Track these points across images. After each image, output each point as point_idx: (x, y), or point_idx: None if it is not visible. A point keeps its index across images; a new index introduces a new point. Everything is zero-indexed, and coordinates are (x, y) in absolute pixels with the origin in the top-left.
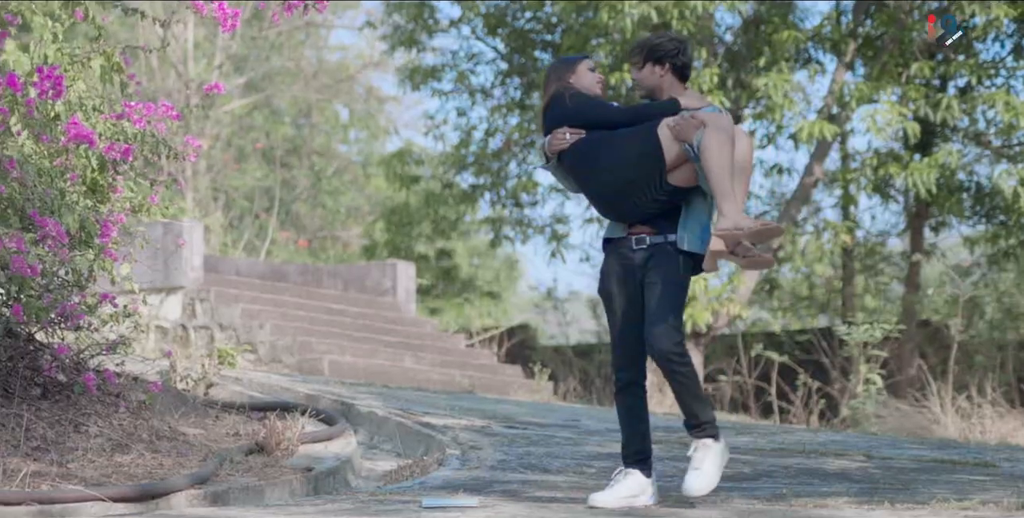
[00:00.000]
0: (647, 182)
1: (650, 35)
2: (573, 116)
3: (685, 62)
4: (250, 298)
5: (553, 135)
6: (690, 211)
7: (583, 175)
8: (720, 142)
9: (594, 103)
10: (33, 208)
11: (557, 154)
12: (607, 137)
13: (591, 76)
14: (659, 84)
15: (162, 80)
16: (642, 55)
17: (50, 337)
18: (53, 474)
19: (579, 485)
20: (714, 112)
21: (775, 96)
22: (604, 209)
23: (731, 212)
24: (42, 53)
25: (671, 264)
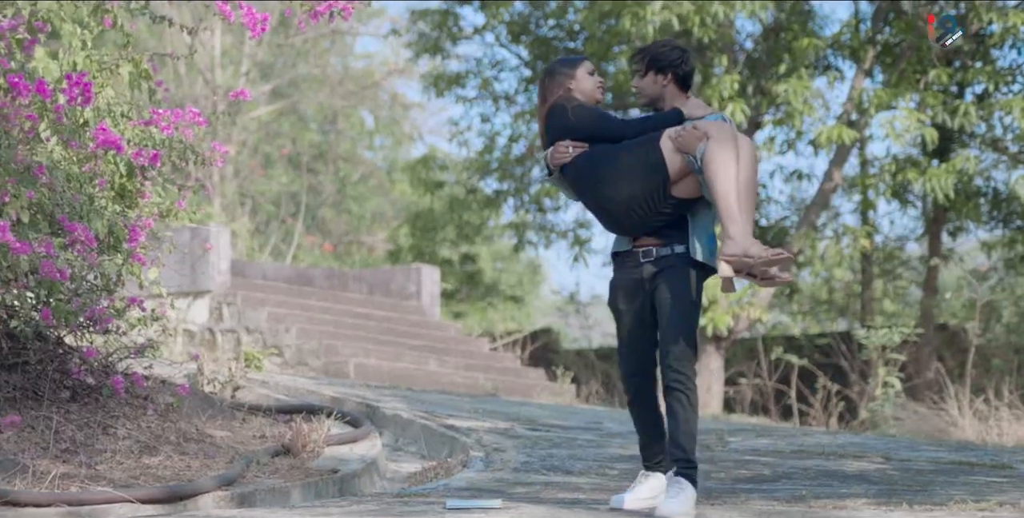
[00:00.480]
0: (650, 195)
1: (652, 43)
2: (575, 129)
3: (688, 71)
4: (276, 302)
5: (555, 148)
6: (696, 221)
7: (585, 189)
8: (724, 158)
9: (597, 116)
10: (62, 213)
11: (560, 166)
12: (609, 150)
13: (591, 81)
14: (661, 93)
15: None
16: (644, 63)
17: (79, 340)
18: (82, 476)
19: (601, 487)
20: (717, 121)
21: (795, 102)
22: (608, 223)
23: (737, 235)
24: (71, 60)
25: (683, 280)
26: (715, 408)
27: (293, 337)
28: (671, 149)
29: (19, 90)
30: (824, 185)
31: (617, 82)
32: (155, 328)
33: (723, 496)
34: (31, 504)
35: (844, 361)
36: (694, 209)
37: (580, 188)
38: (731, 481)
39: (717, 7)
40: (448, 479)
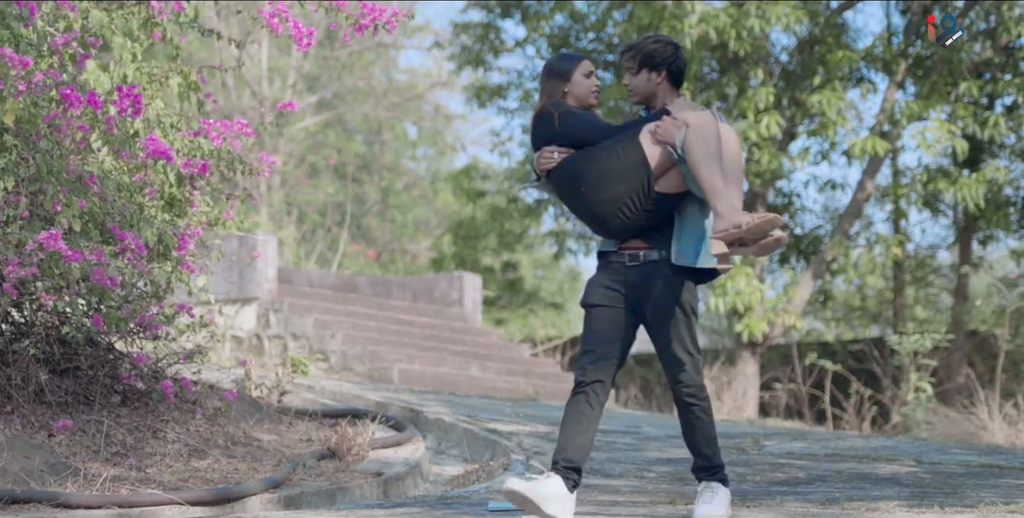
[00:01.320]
0: (634, 192)
1: (644, 39)
2: (562, 136)
3: (680, 68)
4: (322, 309)
5: (541, 153)
6: (684, 220)
7: (569, 192)
8: (704, 139)
9: (584, 123)
10: (113, 222)
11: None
12: (589, 152)
13: (587, 84)
14: (654, 91)
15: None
16: (637, 61)
17: (129, 346)
18: (132, 478)
19: (639, 489)
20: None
21: (829, 113)
22: (594, 226)
23: (725, 211)
24: (122, 72)
25: (673, 289)
26: (751, 412)
27: (339, 343)
28: (651, 143)
29: (71, 102)
30: (857, 195)
31: None
32: (204, 334)
33: (759, 498)
34: (82, 506)
35: (877, 366)
36: (682, 207)
37: (564, 192)
38: (766, 484)
39: (753, 21)
40: (490, 482)
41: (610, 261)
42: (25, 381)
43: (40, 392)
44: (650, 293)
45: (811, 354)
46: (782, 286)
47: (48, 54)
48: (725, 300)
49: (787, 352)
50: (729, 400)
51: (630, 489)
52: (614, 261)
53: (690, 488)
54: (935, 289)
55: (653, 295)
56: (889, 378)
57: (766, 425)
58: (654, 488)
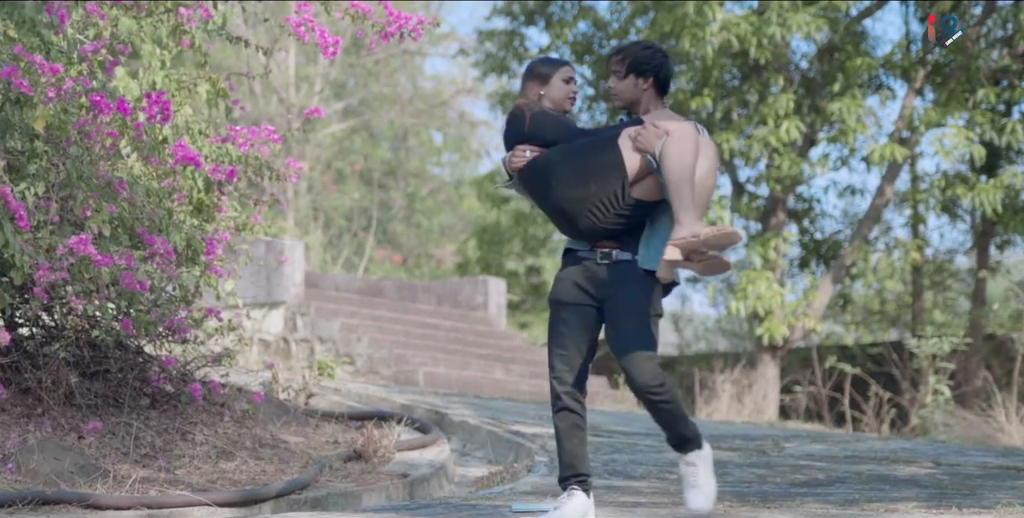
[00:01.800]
0: (605, 194)
1: (634, 44)
2: (533, 137)
3: (667, 76)
4: (349, 312)
5: (513, 152)
6: (654, 228)
7: (540, 190)
8: (681, 151)
9: (556, 125)
10: (142, 227)
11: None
12: (564, 151)
13: (564, 89)
14: (639, 97)
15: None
16: (625, 65)
17: (158, 349)
18: (161, 480)
19: (661, 490)
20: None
21: (848, 120)
22: (563, 225)
23: (687, 221)
24: (151, 79)
25: (642, 289)
26: (771, 415)
27: (365, 346)
28: (630, 148)
29: (101, 108)
30: (876, 200)
31: (678, 100)
32: (231, 338)
33: (779, 499)
34: (112, 507)
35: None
36: (655, 215)
37: (534, 189)
38: (787, 485)
39: (774, 28)
40: (514, 483)
41: (580, 258)
42: (56, 384)
43: (70, 395)
44: (618, 292)
45: (831, 357)
46: (802, 290)
47: (78, 61)
48: (746, 304)
49: (807, 355)
50: (750, 402)
51: (652, 490)
52: (585, 258)
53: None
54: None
55: (621, 294)
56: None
57: (786, 427)
58: (676, 489)
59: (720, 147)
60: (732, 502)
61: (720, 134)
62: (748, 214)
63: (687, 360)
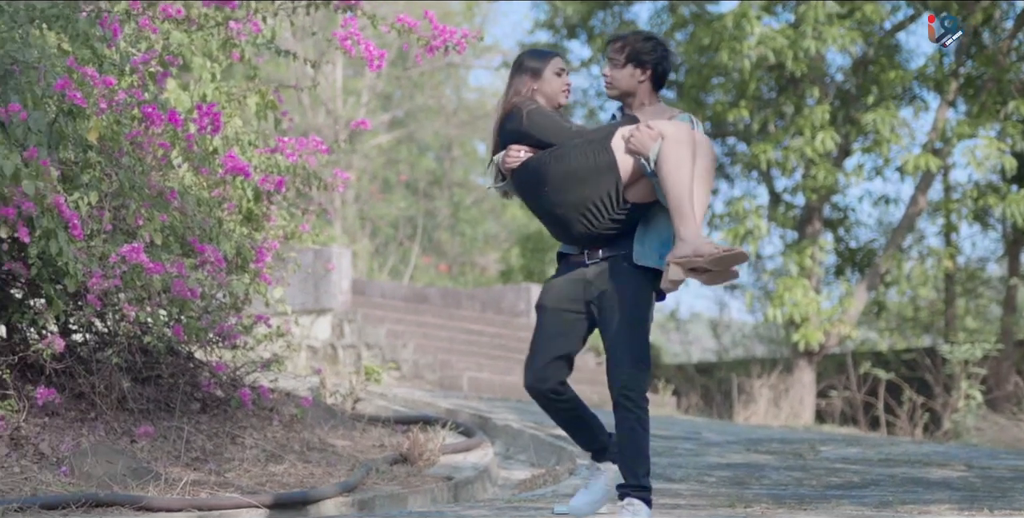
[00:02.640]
0: (599, 198)
1: (635, 33)
2: (528, 136)
3: (666, 70)
4: (394, 319)
5: (507, 152)
6: (650, 226)
7: (532, 193)
8: (679, 157)
9: (551, 124)
10: (193, 235)
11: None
12: (557, 153)
13: (557, 82)
14: (635, 88)
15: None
16: (624, 54)
17: (209, 355)
18: (211, 482)
19: (700, 493)
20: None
21: (883, 131)
22: (557, 230)
23: (689, 236)
24: (201, 91)
25: (633, 288)
26: (807, 419)
27: (410, 352)
28: (623, 150)
29: (152, 120)
30: (910, 209)
31: (716, 112)
32: (280, 344)
33: (815, 502)
34: (163, 509)
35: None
36: (649, 215)
37: (527, 193)
38: (823, 488)
39: (810, 42)
40: (556, 486)
41: (569, 261)
42: (108, 389)
43: (123, 399)
44: (608, 290)
45: (865, 363)
46: (838, 297)
47: (130, 74)
48: (783, 311)
49: (842, 361)
50: (786, 407)
51: (691, 493)
52: (574, 261)
53: (750, 491)
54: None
55: (610, 292)
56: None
57: (822, 431)
58: (714, 492)
59: (757, 158)
60: (769, 504)
61: (757, 145)
62: (785, 223)
63: (725, 366)
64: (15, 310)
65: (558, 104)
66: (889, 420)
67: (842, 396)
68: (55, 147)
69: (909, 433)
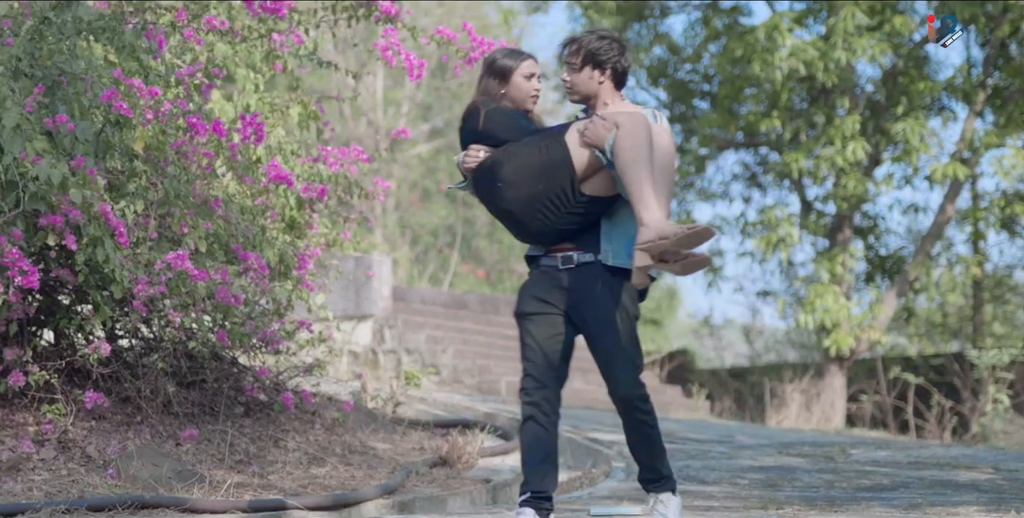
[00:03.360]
0: (557, 194)
1: (588, 33)
2: (486, 136)
3: (625, 68)
4: (434, 325)
5: (467, 153)
6: (614, 221)
7: (486, 192)
8: (634, 143)
9: (509, 124)
10: (237, 243)
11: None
12: (510, 150)
13: (526, 86)
14: (596, 90)
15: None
16: (580, 57)
17: (252, 360)
18: (255, 485)
19: (733, 495)
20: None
21: (912, 141)
22: (514, 229)
23: (651, 221)
24: (245, 102)
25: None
26: (838, 422)
27: (450, 357)
28: (578, 143)
29: (197, 130)
30: (938, 217)
31: (748, 122)
32: (322, 349)
33: (846, 504)
34: (208, 511)
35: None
36: (612, 209)
37: (483, 192)
38: (853, 490)
39: (840, 53)
40: (592, 488)
41: (541, 265)
42: (154, 393)
43: (168, 403)
44: (588, 297)
45: (895, 368)
46: (868, 303)
47: (175, 85)
48: (814, 317)
49: (872, 366)
50: (818, 411)
51: (724, 495)
52: (546, 265)
53: (782, 493)
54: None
55: (591, 299)
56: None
57: (852, 435)
58: (747, 494)
59: (789, 167)
60: (800, 506)
61: (789, 154)
62: (816, 231)
63: (758, 370)
64: (63, 316)
65: (526, 110)
66: (918, 424)
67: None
68: (102, 156)
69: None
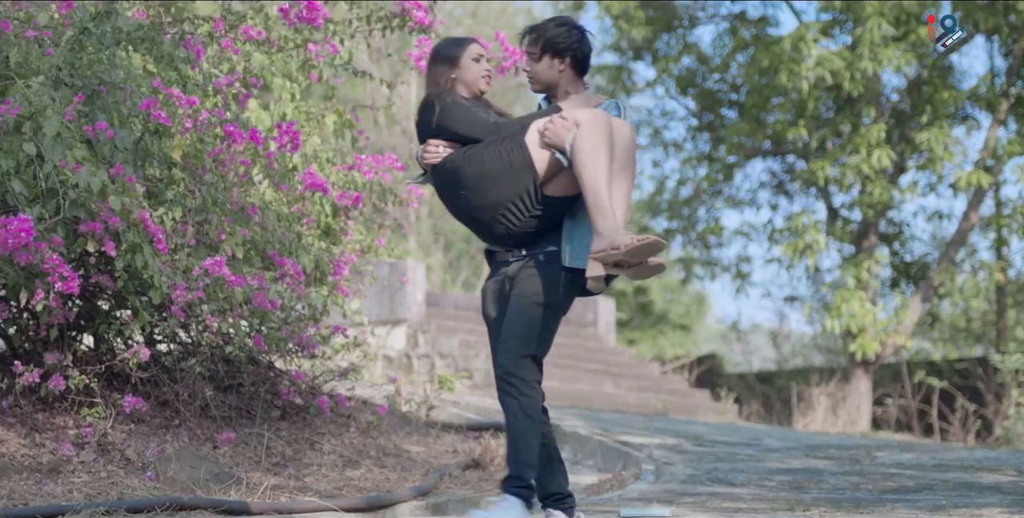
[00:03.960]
0: (519, 196)
1: (546, 21)
2: (443, 130)
3: (586, 53)
4: (467, 330)
5: (425, 147)
6: (577, 222)
7: (448, 197)
8: (593, 145)
9: (465, 118)
10: (273, 249)
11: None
12: (470, 152)
13: (476, 68)
14: (557, 79)
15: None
16: (539, 46)
17: (288, 365)
18: (291, 487)
19: (761, 497)
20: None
21: (936, 149)
22: (477, 232)
23: (606, 230)
24: (281, 111)
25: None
26: (864, 426)
27: (482, 361)
28: (539, 144)
29: (234, 138)
30: (962, 224)
31: (776, 131)
32: (357, 353)
33: (871, 506)
34: (245, 513)
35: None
36: (575, 209)
37: (444, 196)
38: (878, 492)
39: (866, 63)
40: (622, 490)
41: (496, 259)
42: (192, 397)
43: (206, 407)
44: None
45: (920, 372)
46: (893, 309)
47: (213, 94)
48: (840, 322)
49: (897, 370)
50: (844, 414)
51: (752, 497)
52: (499, 259)
53: (809, 495)
54: None
55: (520, 278)
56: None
57: (878, 438)
58: (774, 496)
59: (815, 175)
60: (827, 508)
61: (815, 162)
62: (842, 237)
63: (785, 374)
64: (102, 321)
65: (480, 91)
66: (942, 427)
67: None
68: (141, 164)
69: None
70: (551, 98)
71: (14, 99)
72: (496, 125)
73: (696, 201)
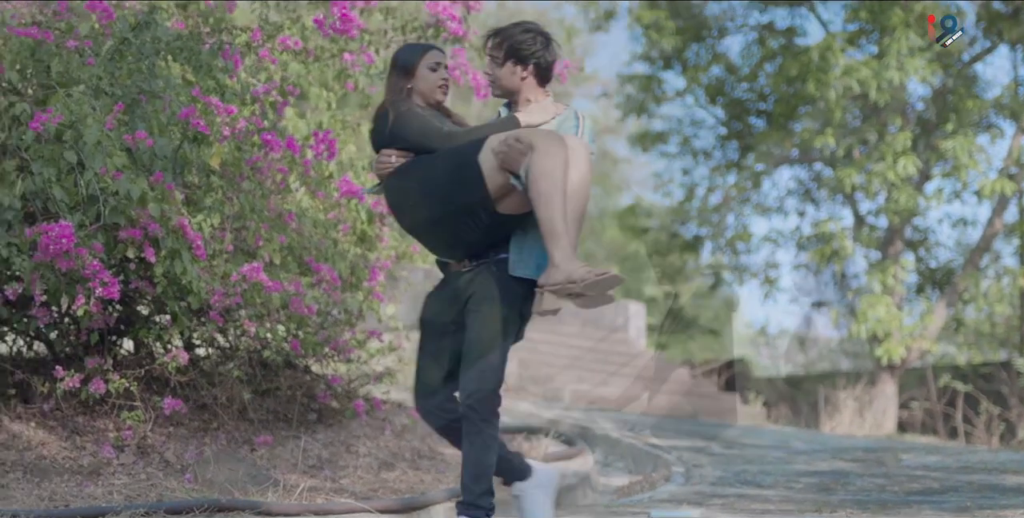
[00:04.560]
0: (470, 215)
1: (512, 26)
2: (396, 139)
3: (549, 63)
4: None
5: (379, 157)
6: (528, 232)
7: (399, 212)
8: (548, 170)
9: (418, 129)
10: (310, 255)
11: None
12: (420, 166)
13: (432, 78)
14: (518, 86)
15: None
16: (502, 50)
17: (324, 368)
18: (327, 489)
19: (788, 498)
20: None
21: (961, 157)
22: (429, 246)
23: (562, 261)
24: (318, 119)
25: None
26: (889, 429)
27: (515, 366)
28: (492, 165)
29: (272, 146)
30: (987, 231)
31: (803, 139)
32: (392, 358)
33: (897, 507)
34: (282, 514)
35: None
36: (527, 224)
37: (395, 211)
38: (904, 494)
39: (892, 73)
40: (652, 492)
41: (448, 270)
42: (230, 400)
43: (243, 410)
44: (474, 294)
45: (945, 376)
46: (918, 314)
47: (250, 102)
48: (866, 326)
49: (923, 374)
50: (870, 417)
51: (780, 498)
52: (452, 269)
53: (835, 497)
54: None
55: (475, 291)
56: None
57: (904, 440)
58: (801, 497)
59: (842, 182)
60: (853, 509)
61: (842, 170)
62: (868, 244)
63: (812, 378)
64: (142, 326)
65: (436, 101)
66: (967, 430)
67: (923, 407)
68: (180, 172)
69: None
70: (512, 104)
71: (55, 108)
72: (449, 134)
73: (725, 208)
